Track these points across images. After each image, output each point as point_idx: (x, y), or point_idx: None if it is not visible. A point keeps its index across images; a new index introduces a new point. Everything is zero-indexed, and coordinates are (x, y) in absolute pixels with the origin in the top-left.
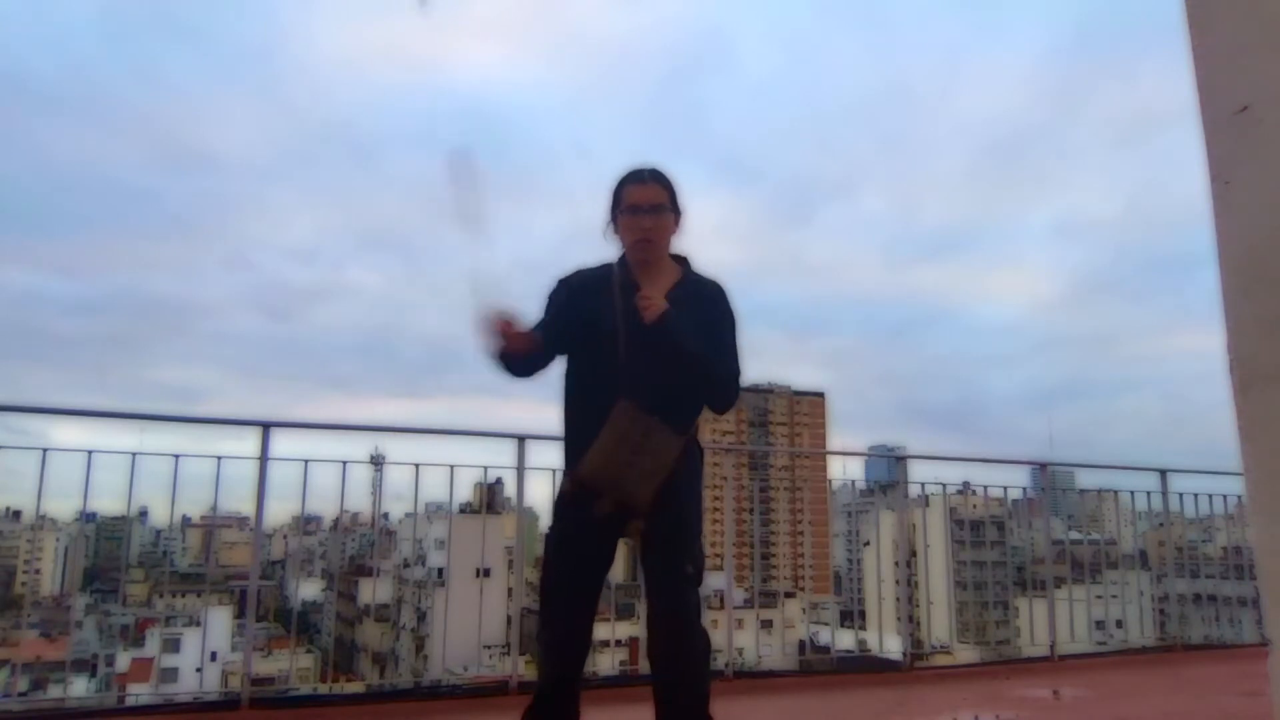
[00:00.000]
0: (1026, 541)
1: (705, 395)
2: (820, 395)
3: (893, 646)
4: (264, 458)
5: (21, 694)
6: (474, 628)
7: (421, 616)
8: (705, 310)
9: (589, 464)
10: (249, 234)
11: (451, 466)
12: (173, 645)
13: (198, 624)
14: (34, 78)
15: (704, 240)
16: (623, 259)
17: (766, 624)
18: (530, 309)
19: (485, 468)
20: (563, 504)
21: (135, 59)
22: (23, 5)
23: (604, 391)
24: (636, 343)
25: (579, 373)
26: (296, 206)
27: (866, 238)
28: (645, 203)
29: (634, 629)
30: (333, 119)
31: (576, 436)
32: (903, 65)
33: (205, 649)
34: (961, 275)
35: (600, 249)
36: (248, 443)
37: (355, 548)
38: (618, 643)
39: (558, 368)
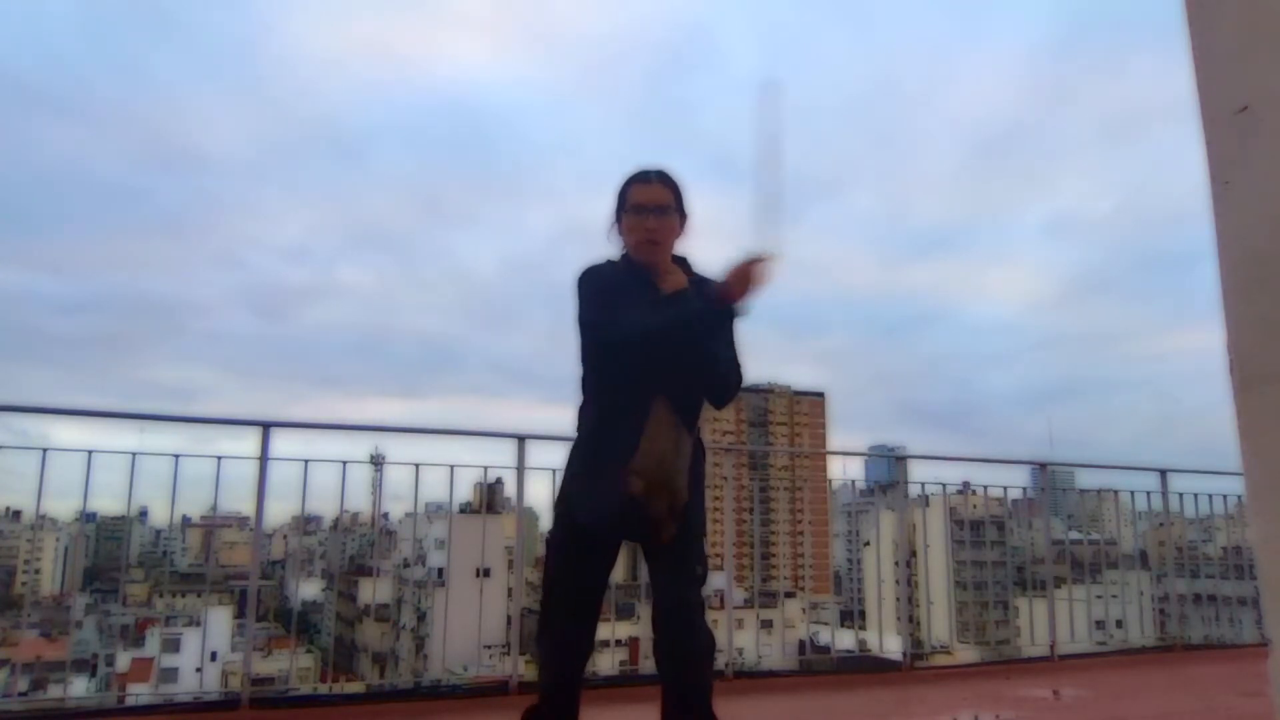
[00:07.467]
0: (1026, 541)
1: (712, 383)
2: (820, 395)
3: (893, 646)
4: (264, 458)
5: (21, 694)
6: (474, 628)
7: (421, 616)
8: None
9: (645, 465)
10: (239, 233)
11: (451, 466)
12: (173, 645)
13: (198, 624)
14: (18, 74)
15: (694, 238)
16: (626, 258)
17: (766, 624)
18: (525, 310)
19: (485, 468)
20: (567, 507)
21: (118, 55)
22: (6, 2)
23: (633, 391)
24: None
25: (602, 372)
26: (286, 205)
27: (859, 236)
28: (650, 203)
29: (634, 629)
30: (319, 116)
31: (608, 436)
32: (892, 61)
33: (205, 649)
34: (956, 274)
35: (594, 248)
36: (247, 443)
37: (355, 548)
38: (618, 643)
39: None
